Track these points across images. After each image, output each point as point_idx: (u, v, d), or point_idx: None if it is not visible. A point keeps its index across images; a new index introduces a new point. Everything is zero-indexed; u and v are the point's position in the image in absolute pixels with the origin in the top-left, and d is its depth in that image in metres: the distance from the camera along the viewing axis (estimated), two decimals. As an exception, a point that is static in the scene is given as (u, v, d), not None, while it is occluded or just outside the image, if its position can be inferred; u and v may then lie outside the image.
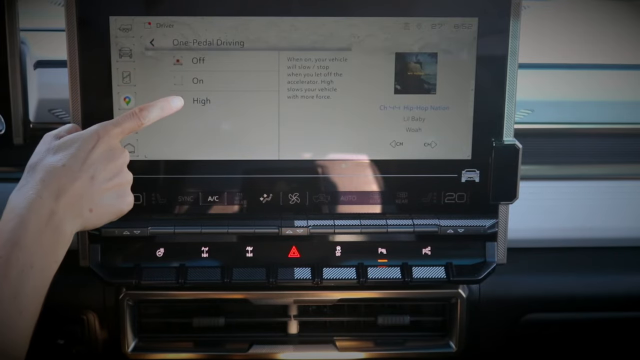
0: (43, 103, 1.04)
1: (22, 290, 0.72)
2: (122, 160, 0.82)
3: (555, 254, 1.10)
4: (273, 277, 0.97)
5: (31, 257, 0.73)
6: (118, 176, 0.81)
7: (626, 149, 1.09)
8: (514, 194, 0.96)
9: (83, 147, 0.79)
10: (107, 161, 0.80)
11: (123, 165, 0.82)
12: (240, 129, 0.94)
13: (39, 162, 0.78)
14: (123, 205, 0.83)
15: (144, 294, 1.02)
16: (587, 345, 1.13)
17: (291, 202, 0.96)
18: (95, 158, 0.79)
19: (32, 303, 0.74)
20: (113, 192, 0.81)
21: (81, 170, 0.77)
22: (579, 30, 1.30)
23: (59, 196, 0.76)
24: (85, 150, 0.78)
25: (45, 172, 0.77)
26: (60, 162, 0.77)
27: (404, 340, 1.07)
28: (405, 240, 0.98)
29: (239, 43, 0.92)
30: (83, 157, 0.78)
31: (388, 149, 0.96)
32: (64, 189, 0.76)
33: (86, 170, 0.78)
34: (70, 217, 0.77)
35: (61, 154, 0.78)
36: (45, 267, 0.75)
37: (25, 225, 0.73)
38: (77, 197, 0.77)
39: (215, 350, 1.05)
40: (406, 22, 0.92)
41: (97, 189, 0.79)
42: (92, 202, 0.79)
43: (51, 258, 0.75)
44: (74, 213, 0.77)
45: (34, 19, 1.19)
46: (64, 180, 0.76)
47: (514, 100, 0.95)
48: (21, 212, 0.73)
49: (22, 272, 0.72)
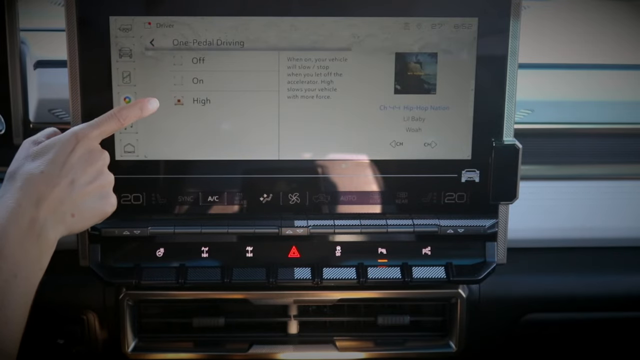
0: (43, 103, 1.04)
1: (7, 300, 0.71)
2: (102, 162, 0.81)
3: (555, 254, 1.10)
4: (273, 277, 0.97)
5: (14, 266, 0.72)
6: (99, 179, 0.80)
7: (626, 149, 1.09)
8: (514, 194, 0.96)
9: (61, 152, 0.78)
10: (86, 164, 0.79)
11: (103, 167, 0.81)
12: (240, 129, 0.94)
13: (18, 170, 0.77)
14: (106, 207, 0.82)
15: (144, 294, 1.02)
16: (587, 345, 1.13)
17: (291, 202, 0.96)
18: (74, 162, 0.78)
19: (17, 312, 0.73)
20: (95, 195, 0.80)
21: (60, 176, 0.76)
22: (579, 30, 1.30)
23: (39, 203, 0.75)
24: (63, 155, 0.77)
25: (24, 179, 0.76)
26: (38, 168, 0.76)
27: (404, 340, 1.07)
28: (405, 240, 0.98)
29: (239, 43, 0.92)
30: (62, 161, 0.77)
31: (388, 149, 0.96)
32: (44, 196, 0.75)
33: (65, 175, 0.77)
34: (52, 224, 0.76)
35: (39, 160, 0.77)
36: (30, 275, 0.74)
37: (6, 235, 0.72)
38: (58, 203, 0.76)
39: (215, 350, 1.05)
40: (406, 22, 0.92)
41: (77, 193, 0.78)
42: (74, 206, 0.78)
43: (35, 266, 0.75)
44: (55, 219, 0.76)
45: (34, 19, 1.19)
46: (43, 187, 0.75)
47: (514, 100, 0.95)
48: (1, 222, 0.73)
49: (7, 282, 0.71)
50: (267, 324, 1.07)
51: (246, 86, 0.93)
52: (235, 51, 0.92)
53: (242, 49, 0.92)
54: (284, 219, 0.97)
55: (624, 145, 1.10)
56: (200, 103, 0.93)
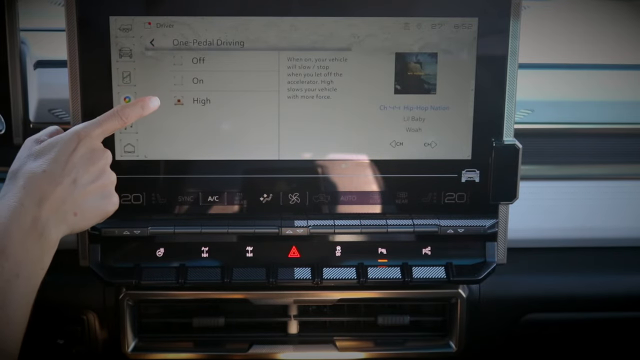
0: (43, 103, 1.04)
1: (9, 300, 0.71)
2: (105, 161, 0.81)
3: (555, 254, 1.10)
4: (273, 277, 0.97)
5: (16, 266, 0.72)
6: (101, 178, 0.80)
7: (626, 149, 1.09)
8: (514, 194, 0.96)
9: (63, 151, 0.77)
10: (88, 163, 0.79)
11: (105, 165, 0.81)
12: (240, 129, 0.94)
13: (20, 169, 0.77)
14: (108, 206, 0.82)
15: (144, 294, 1.01)
16: (587, 345, 1.13)
17: (291, 202, 0.96)
18: (77, 161, 0.78)
19: (19, 312, 0.73)
20: (97, 194, 0.80)
21: (62, 175, 0.76)
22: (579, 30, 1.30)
23: (42, 203, 0.75)
24: (65, 154, 0.77)
25: (26, 179, 0.75)
26: (40, 167, 0.76)
27: (404, 340, 1.07)
28: (405, 240, 0.98)
29: (239, 43, 0.92)
30: (64, 160, 0.77)
31: (388, 149, 0.95)
32: (46, 195, 0.75)
33: (67, 174, 0.77)
34: (54, 223, 0.76)
35: (42, 159, 0.77)
36: (32, 275, 0.74)
37: (8, 234, 0.72)
38: (60, 202, 0.76)
39: (215, 350, 1.05)
40: (406, 22, 0.92)
41: (80, 192, 0.78)
42: (76, 205, 0.78)
43: (37, 266, 0.75)
44: (58, 218, 0.76)
45: (34, 19, 1.19)
46: (46, 186, 0.75)
47: (514, 100, 0.95)
48: (4, 221, 0.72)
49: (8, 282, 0.71)
50: (267, 324, 1.07)
51: (246, 86, 0.93)
52: (235, 51, 0.92)
53: (242, 49, 0.92)
54: (284, 219, 0.97)
55: (624, 145, 1.10)
56: (200, 103, 0.93)
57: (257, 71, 0.93)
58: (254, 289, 1.02)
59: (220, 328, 1.05)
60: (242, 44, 0.92)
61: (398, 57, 0.93)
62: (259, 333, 1.07)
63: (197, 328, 1.05)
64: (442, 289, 1.04)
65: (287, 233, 0.96)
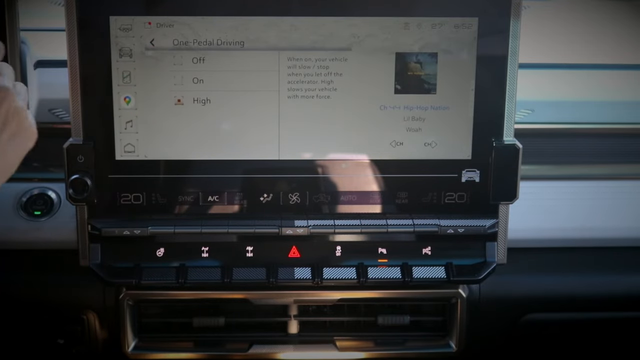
0: (43, 103, 1.04)
1: None
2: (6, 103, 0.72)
3: (555, 254, 1.10)
4: (273, 277, 0.97)
5: None
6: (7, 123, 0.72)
7: (626, 149, 1.09)
8: (514, 194, 0.96)
9: None
10: None
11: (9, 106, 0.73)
12: (240, 129, 0.94)
13: None
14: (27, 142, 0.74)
15: (144, 293, 1.02)
16: (587, 345, 1.13)
17: (291, 202, 0.96)
18: None
19: None
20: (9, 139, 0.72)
21: None
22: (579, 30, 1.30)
23: None
24: None
25: None
26: None
27: (404, 340, 1.07)
28: (405, 240, 0.98)
29: (239, 43, 0.92)
30: None
31: (388, 148, 0.96)
32: None
33: None
34: None
35: None
36: None
37: None
38: None
39: (215, 350, 1.05)
40: (406, 22, 0.92)
41: None
42: None
43: None
44: None
45: (34, 19, 1.19)
46: None
47: (514, 100, 0.95)
48: None
49: None
50: (267, 324, 1.07)
51: (246, 86, 0.93)
52: (236, 51, 0.92)
53: (242, 49, 0.92)
54: (284, 219, 0.97)
55: (624, 145, 1.10)
56: (200, 103, 0.93)
57: (257, 71, 0.93)
58: (254, 289, 1.02)
59: (220, 328, 1.05)
60: (242, 44, 0.92)
61: (398, 57, 0.93)
62: (259, 333, 1.07)
63: (197, 328, 1.05)
64: (442, 289, 1.04)
65: (287, 233, 0.96)
